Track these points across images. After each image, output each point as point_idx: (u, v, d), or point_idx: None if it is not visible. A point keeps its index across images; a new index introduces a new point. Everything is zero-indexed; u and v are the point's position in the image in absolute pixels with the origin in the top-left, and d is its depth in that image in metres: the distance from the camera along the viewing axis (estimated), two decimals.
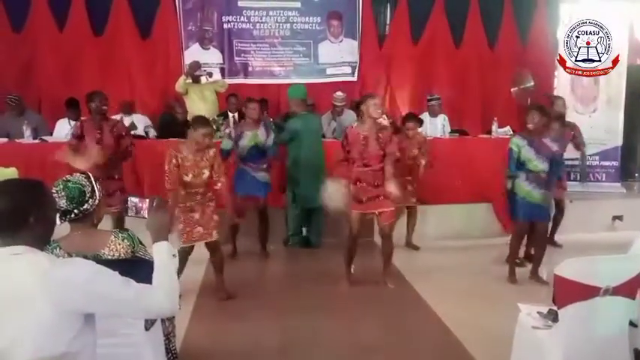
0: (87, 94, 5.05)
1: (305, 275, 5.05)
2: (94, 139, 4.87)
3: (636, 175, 7.85)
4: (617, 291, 2.39)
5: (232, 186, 5.17)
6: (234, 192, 5.21)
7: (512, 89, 7.33)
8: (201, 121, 4.26)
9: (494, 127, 6.47)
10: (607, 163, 7.19)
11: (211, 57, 7.51)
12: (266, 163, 5.41)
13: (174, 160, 4.12)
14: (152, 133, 6.31)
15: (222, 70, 7.45)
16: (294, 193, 5.73)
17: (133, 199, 2.05)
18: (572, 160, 6.84)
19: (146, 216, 2.01)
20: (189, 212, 4.21)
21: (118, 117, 5.78)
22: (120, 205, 4.32)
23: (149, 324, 2.39)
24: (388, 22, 8.02)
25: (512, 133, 6.68)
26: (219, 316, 4.09)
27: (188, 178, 4.16)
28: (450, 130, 6.70)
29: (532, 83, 7.13)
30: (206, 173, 4.19)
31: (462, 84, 7.85)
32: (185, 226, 4.19)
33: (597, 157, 7.18)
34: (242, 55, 7.61)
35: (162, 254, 1.81)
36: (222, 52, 7.56)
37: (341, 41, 7.74)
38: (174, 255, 1.84)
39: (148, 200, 2.04)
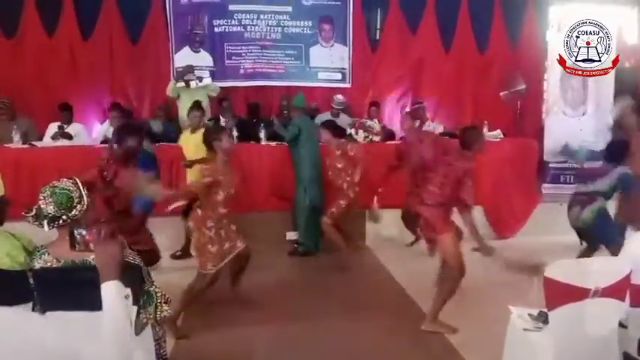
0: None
1: (298, 281, 5.04)
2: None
3: None
4: (606, 292, 2.39)
5: None
6: None
7: (501, 93, 7.36)
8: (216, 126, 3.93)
9: (484, 130, 6.49)
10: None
11: (201, 60, 7.47)
12: None
13: (208, 178, 3.74)
14: None
15: (212, 73, 7.39)
16: (307, 195, 5.60)
17: (81, 232, 1.80)
18: (557, 162, 6.93)
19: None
20: (223, 239, 3.91)
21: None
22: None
23: (139, 329, 2.38)
24: (379, 27, 8.05)
25: (502, 136, 6.72)
26: (210, 321, 4.06)
27: (220, 196, 3.82)
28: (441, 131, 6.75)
29: (523, 86, 7.17)
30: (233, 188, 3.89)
31: (452, 87, 7.88)
32: (219, 247, 3.90)
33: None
34: (233, 57, 7.58)
35: (110, 298, 1.57)
36: (212, 54, 7.54)
37: (332, 46, 7.76)
38: (126, 296, 1.64)
39: (94, 231, 1.79)
